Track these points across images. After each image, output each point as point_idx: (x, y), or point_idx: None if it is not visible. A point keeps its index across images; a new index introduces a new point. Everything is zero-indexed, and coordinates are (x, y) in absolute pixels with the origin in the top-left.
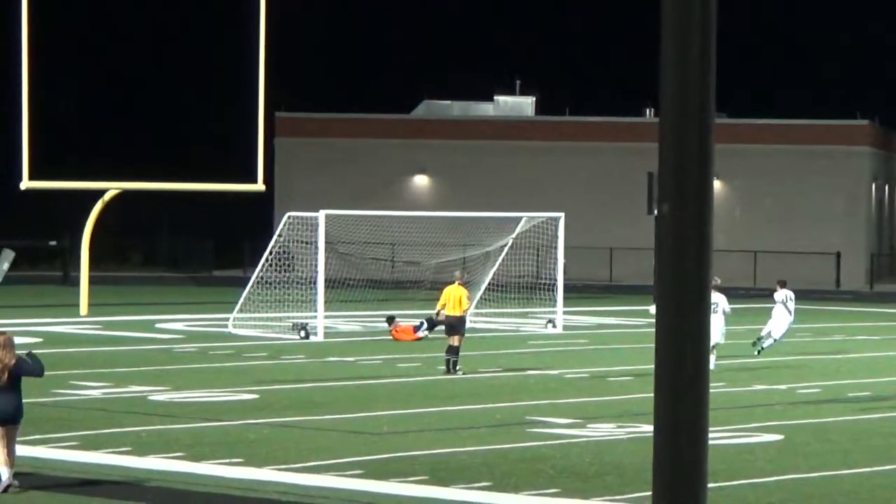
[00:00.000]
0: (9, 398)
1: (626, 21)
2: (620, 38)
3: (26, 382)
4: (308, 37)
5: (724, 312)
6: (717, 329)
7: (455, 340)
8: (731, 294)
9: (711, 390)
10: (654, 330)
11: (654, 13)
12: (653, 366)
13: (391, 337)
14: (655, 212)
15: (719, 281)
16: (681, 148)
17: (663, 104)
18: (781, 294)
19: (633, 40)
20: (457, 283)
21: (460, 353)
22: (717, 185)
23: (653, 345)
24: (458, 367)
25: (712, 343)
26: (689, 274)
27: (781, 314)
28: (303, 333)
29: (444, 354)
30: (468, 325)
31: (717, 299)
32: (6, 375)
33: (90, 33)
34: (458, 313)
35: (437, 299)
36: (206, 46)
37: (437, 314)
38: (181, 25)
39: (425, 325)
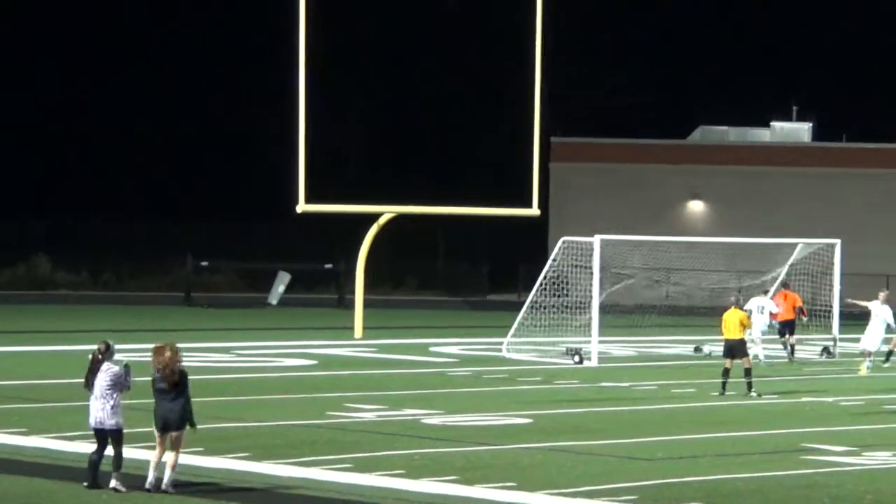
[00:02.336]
0: (176, 404)
1: None
2: None
3: (299, 403)
4: (584, 61)
5: (884, 322)
6: (877, 336)
7: (731, 363)
8: None
9: None
10: None
11: None
12: None
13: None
14: None
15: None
16: None
17: None
18: None
19: None
20: (733, 307)
21: (752, 376)
22: None
23: None
24: (752, 389)
25: (868, 349)
26: None
27: None
28: (577, 358)
29: (720, 378)
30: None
31: (880, 311)
32: (173, 376)
33: (365, 57)
34: (737, 336)
35: (713, 325)
36: (482, 72)
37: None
38: (457, 49)
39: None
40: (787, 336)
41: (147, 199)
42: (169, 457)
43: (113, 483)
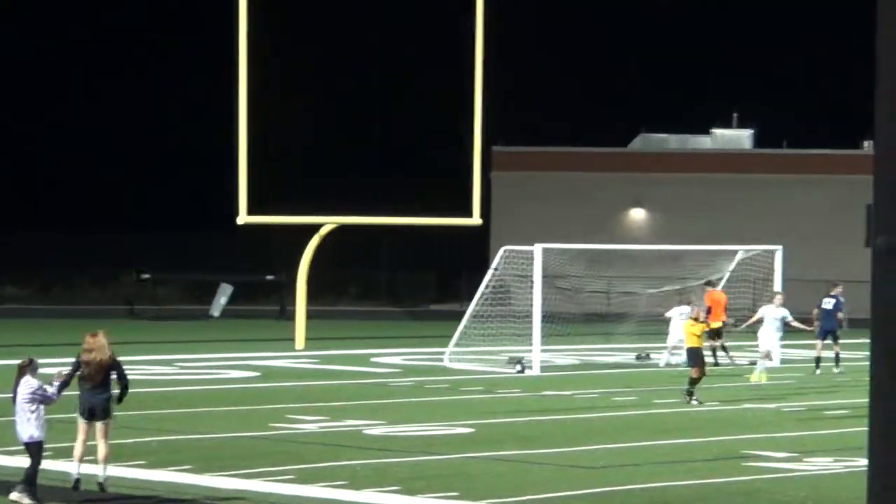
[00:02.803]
0: (99, 394)
1: (844, 52)
2: (839, 69)
3: (242, 415)
4: (525, 70)
5: (779, 323)
6: (771, 338)
7: (693, 372)
8: None
9: None
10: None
11: (872, 44)
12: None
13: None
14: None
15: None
16: None
17: (878, 136)
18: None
19: (851, 71)
20: (688, 318)
21: (696, 385)
22: None
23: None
24: (693, 398)
25: (767, 348)
26: None
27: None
28: (519, 367)
29: (663, 386)
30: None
31: (775, 314)
32: (101, 373)
33: (306, 68)
34: (689, 345)
35: (654, 332)
36: (423, 81)
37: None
38: (398, 59)
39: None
40: (716, 340)
41: (89, 211)
42: (100, 451)
43: (14, 496)
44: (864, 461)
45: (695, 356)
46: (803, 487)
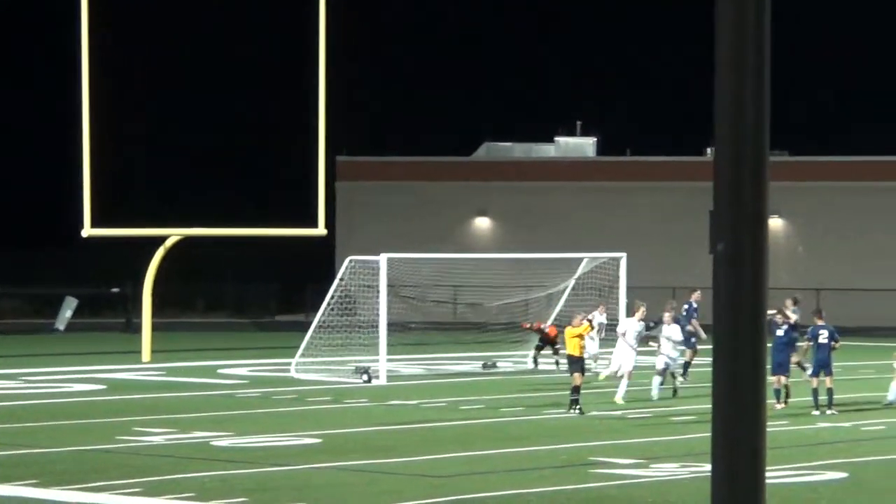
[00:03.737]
0: None
1: (684, 60)
2: (680, 77)
3: (88, 428)
4: (368, 80)
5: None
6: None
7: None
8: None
9: (774, 428)
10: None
11: (713, 54)
12: None
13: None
14: None
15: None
16: (735, 187)
17: (718, 144)
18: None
19: (693, 79)
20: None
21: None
22: (779, 222)
23: None
24: (575, 406)
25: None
26: (744, 311)
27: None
28: (365, 377)
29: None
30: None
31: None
32: None
33: (151, 79)
34: (568, 352)
35: (500, 340)
36: (266, 92)
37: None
38: (242, 71)
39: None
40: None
41: None
42: None
43: None
44: (709, 466)
45: (571, 363)
46: (651, 493)
